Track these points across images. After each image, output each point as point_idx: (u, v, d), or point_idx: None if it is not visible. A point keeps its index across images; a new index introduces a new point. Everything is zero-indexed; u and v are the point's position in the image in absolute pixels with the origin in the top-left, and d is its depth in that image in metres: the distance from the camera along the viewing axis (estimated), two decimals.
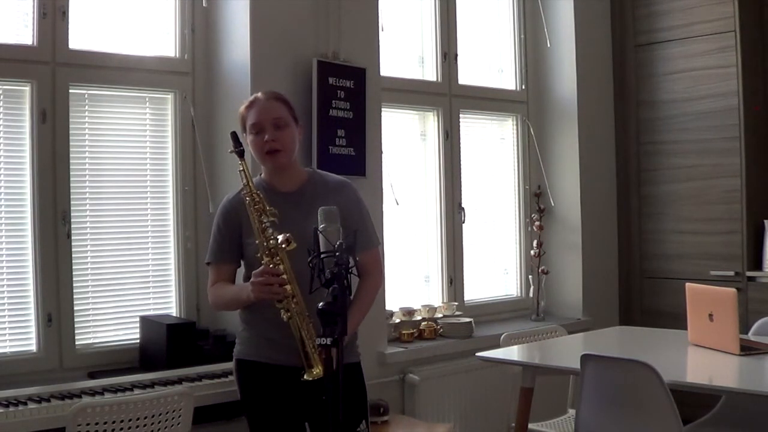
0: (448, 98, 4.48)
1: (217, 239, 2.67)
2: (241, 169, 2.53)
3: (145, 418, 2.49)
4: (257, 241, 2.49)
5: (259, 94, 2.66)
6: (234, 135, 2.55)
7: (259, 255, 2.48)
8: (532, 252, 4.77)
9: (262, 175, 2.70)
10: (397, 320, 4.07)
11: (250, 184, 2.51)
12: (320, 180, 2.71)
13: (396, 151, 4.21)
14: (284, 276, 2.43)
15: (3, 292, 3.08)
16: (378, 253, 2.76)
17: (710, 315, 3.09)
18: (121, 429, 2.45)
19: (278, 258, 2.45)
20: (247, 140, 2.64)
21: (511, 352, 3.43)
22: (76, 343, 3.21)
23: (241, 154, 2.53)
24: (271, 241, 2.45)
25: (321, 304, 1.95)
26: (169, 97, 3.52)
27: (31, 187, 3.13)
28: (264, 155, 2.60)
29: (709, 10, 4.64)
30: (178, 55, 3.56)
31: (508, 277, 4.86)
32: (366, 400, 2.69)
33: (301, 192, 2.64)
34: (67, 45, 3.22)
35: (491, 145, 4.83)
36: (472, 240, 4.59)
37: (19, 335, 3.10)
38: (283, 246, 2.43)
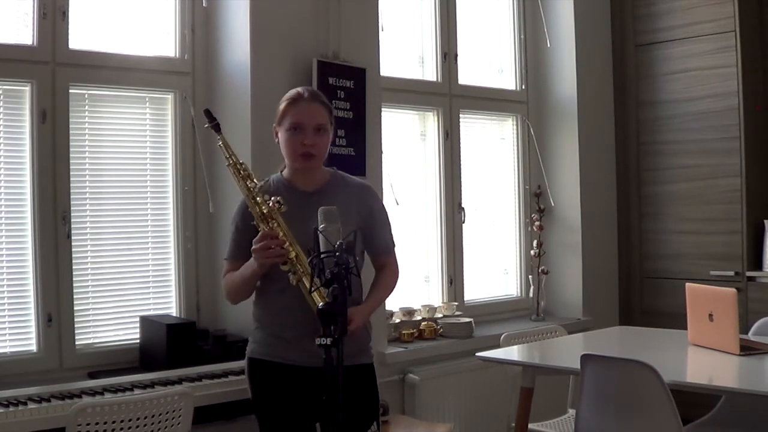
0: (448, 98, 4.48)
1: (235, 236, 2.64)
2: (220, 143, 2.51)
3: (145, 418, 2.49)
4: (250, 210, 2.46)
5: (305, 94, 2.59)
6: (207, 111, 2.52)
7: (254, 223, 2.47)
8: (532, 252, 4.77)
9: (283, 172, 2.66)
10: (397, 320, 4.07)
11: (232, 156, 2.49)
12: (342, 181, 2.68)
13: (396, 151, 4.21)
14: (283, 238, 2.41)
15: (3, 292, 3.08)
16: (395, 256, 2.75)
17: (710, 315, 3.09)
18: (121, 429, 2.45)
19: (274, 222, 2.43)
20: (279, 134, 2.60)
21: (511, 352, 3.42)
22: (76, 343, 3.21)
23: (217, 128, 2.49)
24: (263, 206, 2.43)
25: (321, 304, 1.95)
26: (169, 97, 3.52)
27: (31, 187, 3.13)
28: (297, 156, 2.55)
29: (709, 10, 4.64)
30: (178, 55, 3.56)
31: (508, 277, 4.86)
32: (378, 402, 2.67)
33: (321, 192, 2.60)
34: (67, 45, 3.22)
35: (491, 145, 4.83)
36: (472, 240, 4.59)
37: (19, 335, 3.10)
38: (277, 208, 2.42)
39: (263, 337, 2.61)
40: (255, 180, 2.49)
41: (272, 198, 2.44)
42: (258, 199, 2.45)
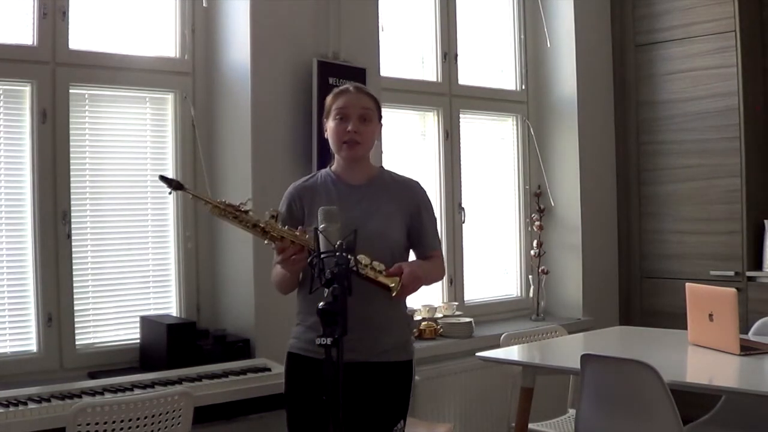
0: (448, 98, 4.48)
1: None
2: (191, 196, 2.44)
3: (145, 418, 2.49)
4: (254, 235, 2.42)
5: (350, 87, 2.61)
6: (162, 177, 2.40)
7: (266, 242, 2.44)
8: (532, 252, 4.77)
9: (332, 167, 2.64)
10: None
11: (208, 200, 2.41)
12: (389, 177, 2.68)
13: (396, 150, 4.21)
14: (297, 242, 2.35)
15: (3, 292, 3.08)
16: (441, 251, 2.71)
17: (710, 315, 3.09)
18: (121, 429, 2.45)
19: (277, 232, 2.36)
20: (327, 126, 2.59)
21: (511, 352, 3.42)
22: (76, 343, 3.21)
23: (179, 187, 2.38)
24: (260, 225, 2.36)
25: (321, 303, 1.94)
26: (169, 97, 3.53)
27: (31, 187, 3.13)
28: (341, 144, 2.55)
29: (709, 10, 4.64)
30: (178, 55, 3.56)
31: (508, 277, 4.86)
32: (408, 399, 2.63)
33: (368, 186, 2.59)
34: (67, 45, 3.22)
35: (491, 145, 4.83)
36: (472, 240, 4.59)
37: (19, 335, 3.11)
38: (273, 221, 2.38)
39: (302, 331, 2.57)
40: (238, 205, 2.39)
41: (266, 213, 2.40)
42: (251, 223, 2.37)
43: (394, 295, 2.34)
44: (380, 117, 2.64)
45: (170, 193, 2.43)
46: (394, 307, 2.52)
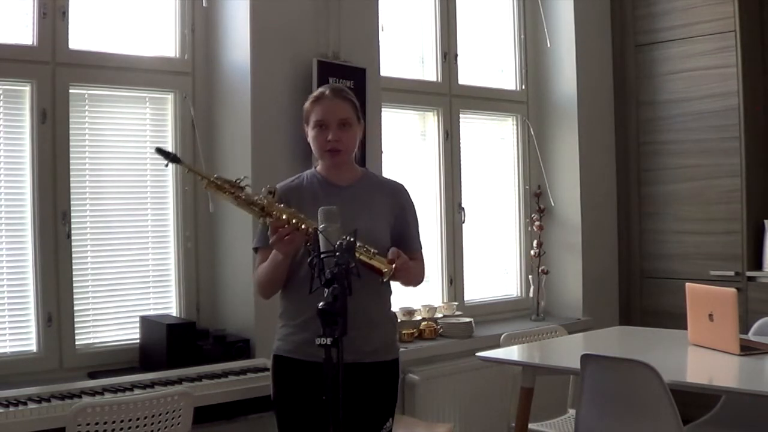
0: (448, 98, 4.48)
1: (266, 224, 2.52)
2: (188, 170, 2.44)
3: (145, 418, 2.49)
4: (250, 214, 2.41)
5: (327, 91, 2.60)
6: (159, 150, 2.41)
7: (261, 221, 2.41)
8: (532, 252, 4.77)
9: (318, 167, 2.66)
10: (397, 320, 4.06)
11: (202, 174, 2.40)
12: (375, 178, 2.73)
13: (396, 150, 4.21)
14: (292, 221, 2.35)
15: (3, 292, 3.08)
16: (422, 254, 2.74)
17: (710, 315, 3.09)
18: (121, 429, 2.45)
19: (275, 211, 2.36)
20: (308, 133, 2.61)
21: (511, 352, 3.42)
22: (76, 343, 3.21)
23: (176, 160, 2.40)
24: (259, 203, 2.36)
25: (321, 304, 1.94)
26: (169, 97, 3.53)
27: (31, 187, 3.13)
28: (324, 152, 2.57)
29: (709, 10, 4.64)
30: (178, 55, 3.56)
31: (508, 277, 4.86)
32: (396, 397, 2.65)
33: (355, 186, 2.62)
34: (67, 45, 3.22)
35: (491, 145, 4.83)
36: (472, 240, 4.59)
37: (19, 335, 3.11)
38: (271, 198, 2.36)
39: (289, 334, 2.57)
40: (236, 182, 2.38)
41: (263, 190, 2.40)
42: (249, 199, 2.37)
43: (384, 280, 2.37)
44: (359, 118, 2.64)
45: (167, 165, 2.44)
46: (381, 307, 2.56)
